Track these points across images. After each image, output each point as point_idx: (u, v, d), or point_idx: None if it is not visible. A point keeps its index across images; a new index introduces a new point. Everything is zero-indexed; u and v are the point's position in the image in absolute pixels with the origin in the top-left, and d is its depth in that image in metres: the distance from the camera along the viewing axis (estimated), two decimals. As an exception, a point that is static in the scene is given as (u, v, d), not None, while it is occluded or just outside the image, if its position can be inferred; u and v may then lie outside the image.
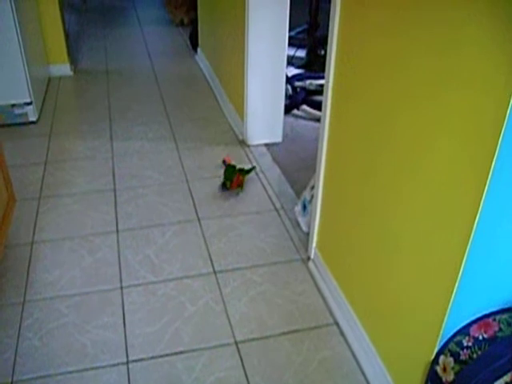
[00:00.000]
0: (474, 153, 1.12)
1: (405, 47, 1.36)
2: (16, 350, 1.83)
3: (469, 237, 1.16)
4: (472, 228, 1.15)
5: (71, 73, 4.39)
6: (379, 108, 1.54)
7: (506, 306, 1.29)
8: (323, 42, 4.17)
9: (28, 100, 3.39)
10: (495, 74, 1.03)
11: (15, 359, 1.79)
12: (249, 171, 2.77)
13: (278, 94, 3.15)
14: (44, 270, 2.19)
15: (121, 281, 2.14)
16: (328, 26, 1.81)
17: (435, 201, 1.30)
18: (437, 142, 1.26)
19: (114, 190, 2.74)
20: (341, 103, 1.83)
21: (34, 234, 2.41)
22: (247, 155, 3.11)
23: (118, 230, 2.43)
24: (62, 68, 4.35)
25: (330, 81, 1.87)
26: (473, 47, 1.10)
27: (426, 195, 1.33)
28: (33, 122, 3.48)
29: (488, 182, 1.08)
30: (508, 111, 1.00)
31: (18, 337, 1.88)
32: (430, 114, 1.28)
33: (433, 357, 1.36)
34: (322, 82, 3.72)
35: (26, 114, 3.43)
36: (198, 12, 4.56)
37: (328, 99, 1.91)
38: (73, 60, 4.59)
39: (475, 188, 1.12)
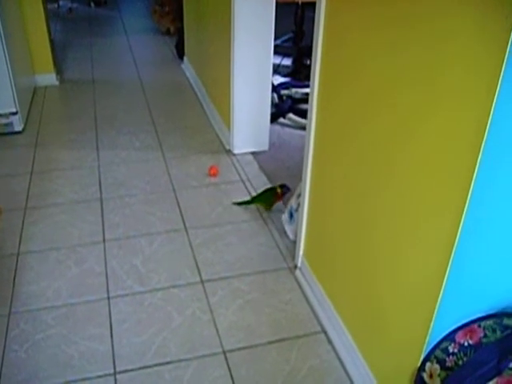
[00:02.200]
0: (458, 160, 1.13)
1: (390, 57, 1.38)
2: (2, 361, 1.81)
3: (453, 243, 1.17)
4: (456, 235, 1.16)
5: (57, 82, 4.38)
6: (364, 116, 1.55)
7: (491, 312, 1.30)
8: (309, 51, 4.20)
9: (13, 110, 3.38)
10: (480, 66, 1.05)
11: (1, 371, 1.78)
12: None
13: (264, 103, 3.16)
14: (30, 281, 2.17)
15: (108, 291, 2.13)
16: (313, 34, 1.82)
17: (420, 208, 1.31)
18: (422, 150, 1.28)
19: (101, 200, 2.73)
20: (326, 111, 1.84)
21: (19, 244, 2.39)
22: (234, 164, 3.12)
23: (104, 240, 2.42)
24: (48, 77, 4.33)
25: (314, 89, 1.88)
26: (458, 41, 1.11)
27: (411, 202, 1.34)
28: (18, 132, 3.46)
29: (472, 187, 1.09)
30: (493, 104, 1.01)
31: (4, 349, 1.86)
32: (415, 121, 1.30)
33: (419, 364, 1.37)
34: (307, 90, 3.74)
35: (11, 124, 3.41)
36: (184, 21, 4.58)
37: (313, 107, 1.92)
38: (59, 69, 4.58)
39: (459, 194, 1.13)
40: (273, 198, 2.64)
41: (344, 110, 1.69)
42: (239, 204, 2.71)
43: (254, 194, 2.79)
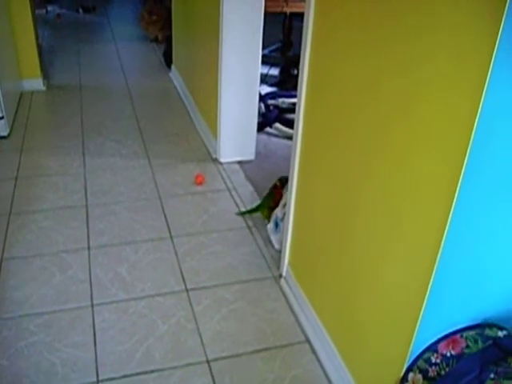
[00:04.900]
0: (443, 171, 1.15)
1: (377, 69, 1.39)
2: (-17, 369, 1.80)
3: (436, 254, 1.19)
4: (440, 245, 1.17)
5: (44, 88, 4.35)
6: (351, 127, 1.57)
7: (474, 323, 1.32)
8: (296, 61, 4.23)
9: (-1, 115, 3.36)
10: (471, 55, 1.05)
11: (-18, 379, 1.76)
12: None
13: (251, 112, 3.17)
14: (13, 288, 2.15)
15: (92, 299, 2.12)
16: (301, 44, 1.84)
17: (403, 220, 1.32)
18: (410, 162, 1.29)
19: (86, 207, 2.72)
20: (313, 121, 1.86)
21: (3, 250, 2.37)
22: (220, 172, 3.13)
23: (89, 247, 2.41)
24: (35, 83, 4.31)
25: (301, 99, 1.90)
26: (447, 30, 1.13)
27: (395, 214, 1.36)
28: (4, 137, 3.44)
29: (456, 200, 1.11)
30: (479, 110, 1.02)
31: (-14, 356, 1.85)
32: (400, 133, 1.31)
33: (402, 374, 1.38)
34: (294, 100, 3.75)
35: (-4, 129, 3.40)
36: (173, 29, 4.58)
37: (300, 117, 1.93)
38: (46, 75, 4.56)
39: (443, 206, 1.14)
40: (274, 194, 2.61)
41: (331, 120, 1.70)
42: (243, 214, 2.72)
43: (239, 202, 2.80)
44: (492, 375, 1.22)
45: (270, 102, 3.99)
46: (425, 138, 1.20)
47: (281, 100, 4.03)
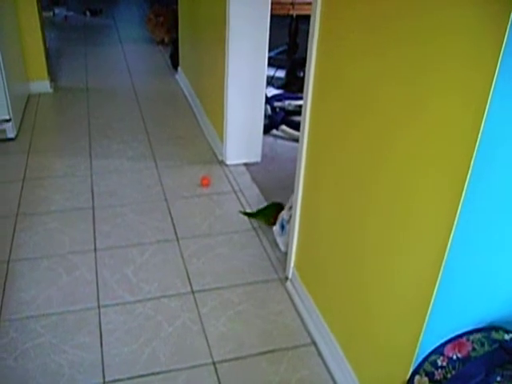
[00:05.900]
0: (449, 172, 1.15)
1: (383, 71, 1.39)
2: (-10, 370, 1.81)
3: (443, 257, 1.19)
4: (446, 249, 1.17)
5: (51, 90, 4.37)
6: (357, 129, 1.57)
7: (480, 326, 1.31)
8: (302, 64, 4.23)
9: (7, 117, 3.37)
10: (476, 60, 1.05)
11: (-11, 380, 1.77)
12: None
13: (258, 114, 3.17)
14: (20, 289, 2.16)
15: (98, 300, 2.12)
16: (307, 47, 1.84)
17: (410, 220, 1.32)
18: (416, 164, 1.29)
19: (93, 209, 2.73)
20: (319, 123, 1.86)
21: (10, 252, 2.38)
22: (226, 175, 3.13)
23: (96, 249, 2.42)
24: (42, 85, 4.33)
25: (308, 102, 1.90)
26: (453, 35, 1.13)
27: (402, 215, 1.36)
28: (11, 139, 3.46)
29: (462, 204, 1.11)
30: (485, 116, 1.02)
31: (-7, 357, 1.86)
32: (407, 135, 1.31)
33: (408, 376, 1.38)
34: (300, 102, 3.75)
35: (4, 131, 3.41)
36: (179, 32, 4.60)
37: (306, 119, 1.93)
38: (53, 77, 4.58)
39: (449, 210, 1.14)
40: (277, 212, 2.61)
41: (337, 121, 1.70)
42: (245, 214, 2.72)
43: (246, 204, 2.81)
44: (498, 378, 1.22)
45: (277, 104, 3.99)
46: (431, 141, 1.20)
47: (287, 102, 4.03)
